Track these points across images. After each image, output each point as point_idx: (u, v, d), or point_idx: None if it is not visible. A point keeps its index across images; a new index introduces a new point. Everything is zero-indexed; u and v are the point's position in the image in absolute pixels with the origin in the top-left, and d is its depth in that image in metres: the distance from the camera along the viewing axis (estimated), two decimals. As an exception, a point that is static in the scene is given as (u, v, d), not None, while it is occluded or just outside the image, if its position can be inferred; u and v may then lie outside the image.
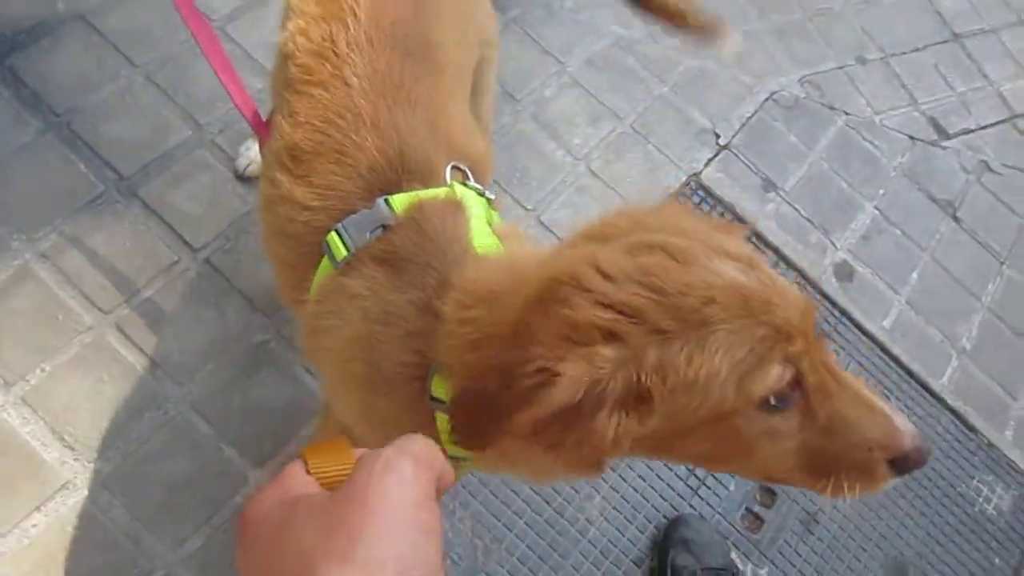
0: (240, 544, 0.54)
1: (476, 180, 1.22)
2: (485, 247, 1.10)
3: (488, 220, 1.18)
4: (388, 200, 1.11)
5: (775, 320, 0.83)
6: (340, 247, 1.11)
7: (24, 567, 1.63)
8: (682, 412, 0.83)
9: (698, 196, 2.56)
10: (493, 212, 1.23)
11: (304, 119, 1.19)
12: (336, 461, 0.57)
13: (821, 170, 2.83)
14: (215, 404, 1.83)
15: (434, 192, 1.13)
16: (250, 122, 1.65)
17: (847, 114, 3.02)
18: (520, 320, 0.85)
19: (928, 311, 2.73)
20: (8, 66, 2.05)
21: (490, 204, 1.22)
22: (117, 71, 2.13)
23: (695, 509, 2.12)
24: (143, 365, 1.83)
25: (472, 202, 1.15)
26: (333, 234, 1.12)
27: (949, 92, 3.36)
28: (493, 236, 1.14)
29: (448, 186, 1.15)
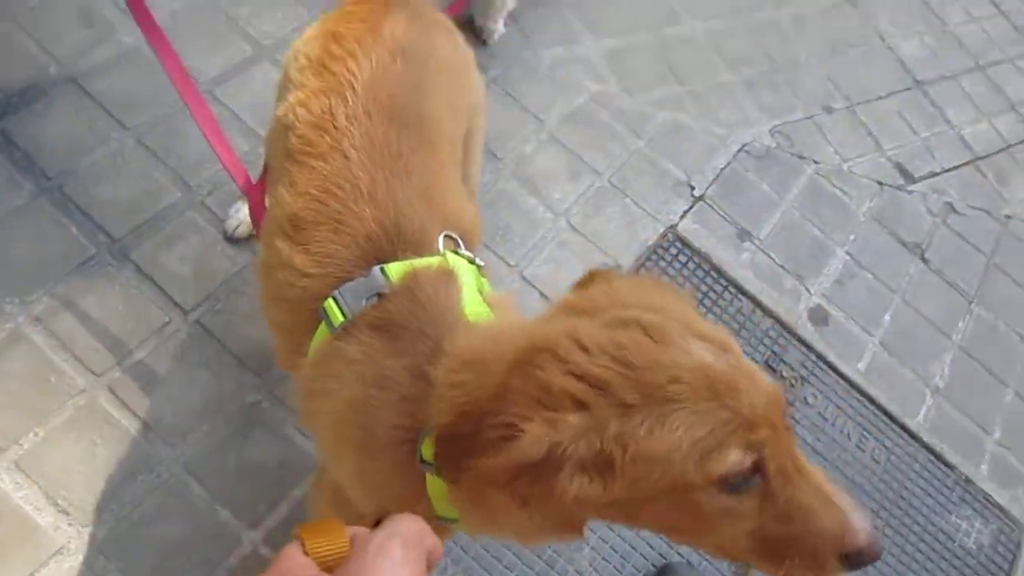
0: None
1: (466, 246, 1.28)
2: (476, 315, 1.15)
3: (479, 288, 1.24)
4: (384, 269, 1.15)
5: (740, 406, 0.87)
6: (337, 313, 1.15)
7: (18, 635, 1.63)
8: (643, 481, 0.87)
9: (675, 248, 2.63)
10: (482, 279, 1.28)
11: (304, 189, 1.24)
12: (331, 541, 0.61)
13: (793, 218, 2.93)
14: (208, 465, 1.85)
15: (428, 261, 1.18)
16: (239, 185, 1.70)
17: (816, 162, 3.12)
18: (500, 383, 0.91)
19: (901, 352, 2.81)
20: (0, 129, 2.09)
21: (480, 271, 1.27)
22: (108, 134, 2.17)
23: (683, 557, 2.16)
24: (136, 427, 1.85)
25: (463, 271, 1.21)
26: (330, 301, 1.16)
27: (913, 137, 3.49)
28: (484, 304, 1.19)
29: (441, 255, 1.20)
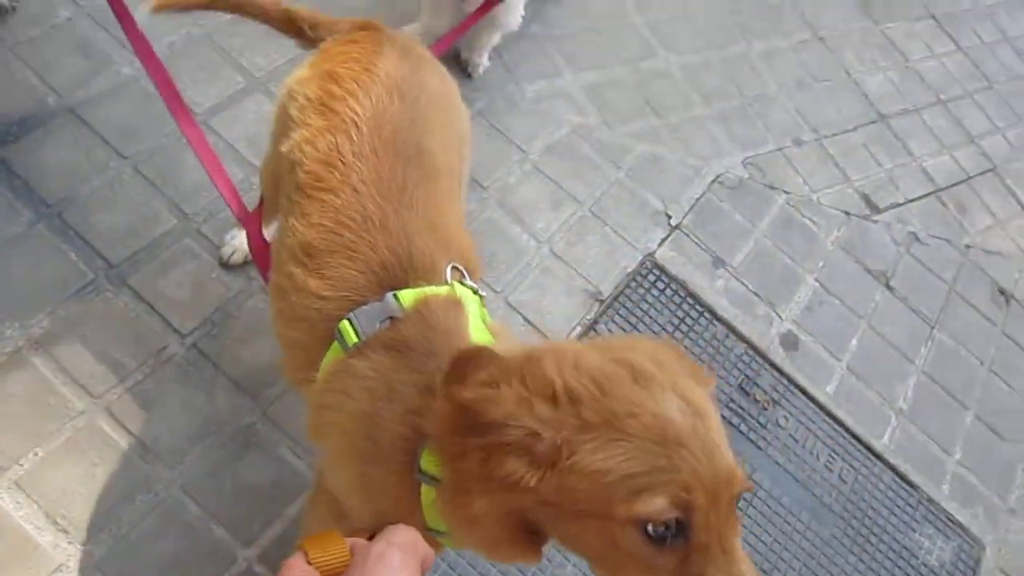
0: None
1: (469, 277, 1.37)
2: (480, 341, 1.24)
3: (482, 317, 1.33)
4: (396, 295, 1.25)
5: (683, 464, 0.91)
6: (351, 334, 1.24)
7: (18, 651, 1.67)
8: (572, 492, 0.94)
9: (653, 275, 2.74)
10: (484, 309, 1.37)
11: (317, 220, 1.33)
12: (332, 551, 0.67)
13: (765, 246, 3.05)
14: (204, 485, 1.91)
15: (437, 290, 1.28)
16: (236, 213, 1.77)
17: (787, 192, 3.25)
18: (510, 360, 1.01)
19: (867, 376, 2.93)
20: (0, 158, 2.15)
21: (482, 301, 1.36)
22: (106, 163, 2.24)
23: None
24: (134, 449, 1.90)
25: (469, 300, 1.30)
26: (345, 322, 1.25)
27: (878, 169, 3.64)
28: (487, 332, 1.29)
29: (449, 285, 1.29)
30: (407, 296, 1.24)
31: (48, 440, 1.86)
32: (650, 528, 0.92)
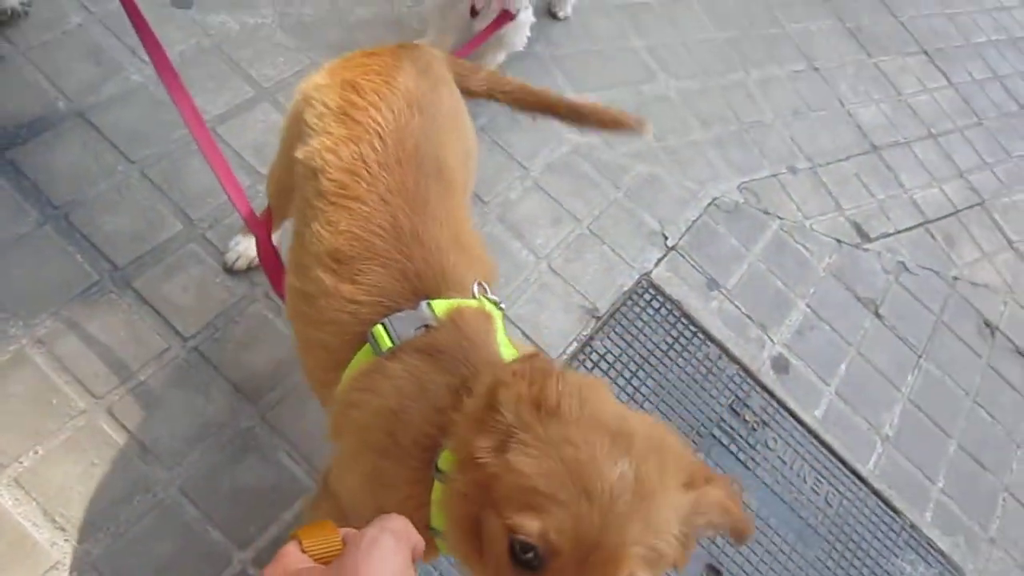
0: None
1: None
2: (506, 354, 1.29)
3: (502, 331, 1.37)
4: (430, 304, 1.29)
5: (576, 513, 0.94)
6: (385, 338, 1.28)
7: (12, 648, 1.68)
8: (496, 480, 1.01)
9: (649, 294, 2.78)
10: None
11: (346, 228, 1.36)
12: (325, 540, 0.69)
13: (759, 270, 3.10)
14: (202, 487, 1.92)
15: (469, 302, 1.33)
16: (245, 218, 1.80)
17: (781, 218, 3.31)
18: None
19: (855, 401, 2.98)
20: (9, 159, 2.17)
21: (504, 316, 1.41)
22: (114, 167, 2.26)
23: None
24: (133, 449, 1.92)
25: (495, 315, 1.36)
26: (380, 327, 1.29)
27: (870, 199, 3.71)
28: (510, 345, 1.33)
29: (478, 299, 1.34)
30: (440, 306, 1.29)
31: (49, 438, 1.87)
32: (516, 542, 0.97)
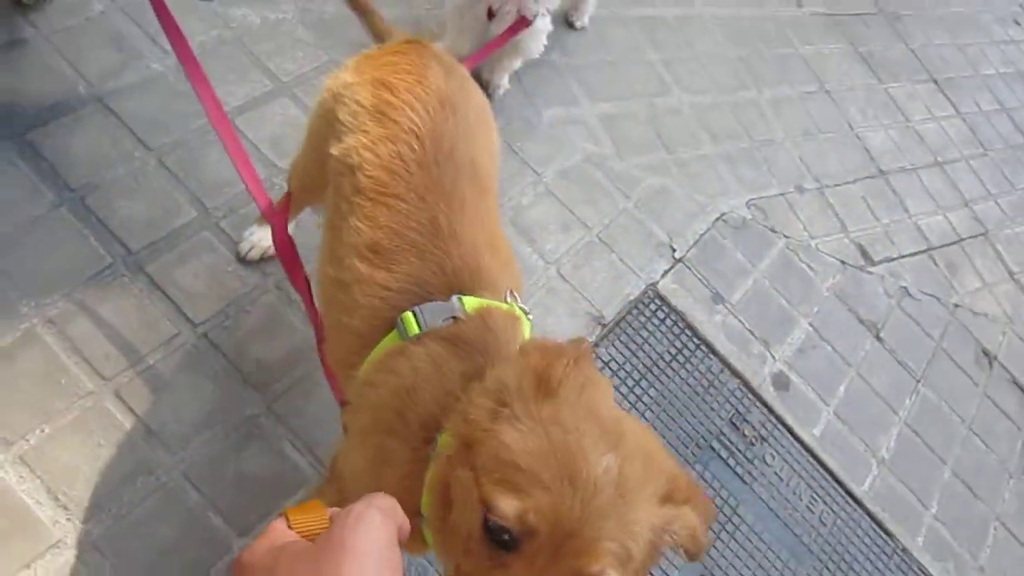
0: None
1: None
2: None
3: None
4: (461, 299, 1.32)
5: (556, 498, 0.93)
6: (413, 325, 1.31)
7: (11, 623, 1.69)
8: (481, 446, 1.02)
9: (655, 304, 2.80)
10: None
11: (385, 223, 1.39)
12: (313, 518, 0.71)
13: (763, 287, 3.12)
14: (206, 473, 1.93)
15: (500, 304, 1.35)
16: (262, 209, 1.81)
17: (787, 237, 3.34)
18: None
19: (853, 422, 2.99)
20: (28, 140, 2.18)
21: (531, 324, 1.43)
22: (131, 152, 2.28)
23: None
24: (139, 432, 1.93)
25: (524, 321, 1.38)
26: (409, 314, 1.32)
27: (875, 223, 3.74)
28: None
29: (508, 304, 1.37)
30: (471, 302, 1.32)
31: (56, 418, 1.88)
32: (489, 518, 0.96)
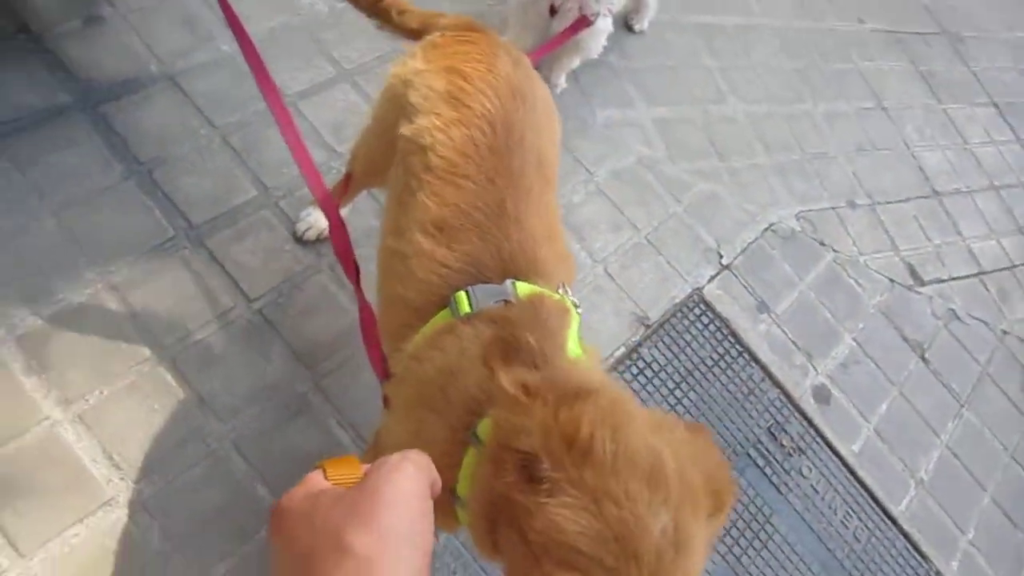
0: (274, 529, 0.68)
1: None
2: (574, 352, 1.31)
3: (578, 334, 1.41)
4: (515, 283, 1.34)
5: (627, 572, 0.91)
6: (465, 304, 1.33)
7: (61, 574, 1.75)
8: (529, 518, 0.97)
9: (699, 309, 2.80)
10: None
11: (452, 201, 1.42)
12: (348, 471, 0.73)
13: (809, 299, 3.10)
14: (254, 444, 1.98)
15: (552, 294, 1.37)
16: (316, 195, 1.85)
17: (836, 251, 3.31)
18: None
19: (893, 441, 2.97)
20: (101, 113, 2.26)
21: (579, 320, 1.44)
22: (198, 130, 2.34)
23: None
24: (192, 400, 1.98)
25: (574, 314, 1.38)
26: (462, 293, 1.34)
27: (926, 243, 3.69)
28: (580, 347, 1.36)
29: (560, 296, 1.38)
30: (524, 288, 1.33)
31: (114, 381, 1.94)
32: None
